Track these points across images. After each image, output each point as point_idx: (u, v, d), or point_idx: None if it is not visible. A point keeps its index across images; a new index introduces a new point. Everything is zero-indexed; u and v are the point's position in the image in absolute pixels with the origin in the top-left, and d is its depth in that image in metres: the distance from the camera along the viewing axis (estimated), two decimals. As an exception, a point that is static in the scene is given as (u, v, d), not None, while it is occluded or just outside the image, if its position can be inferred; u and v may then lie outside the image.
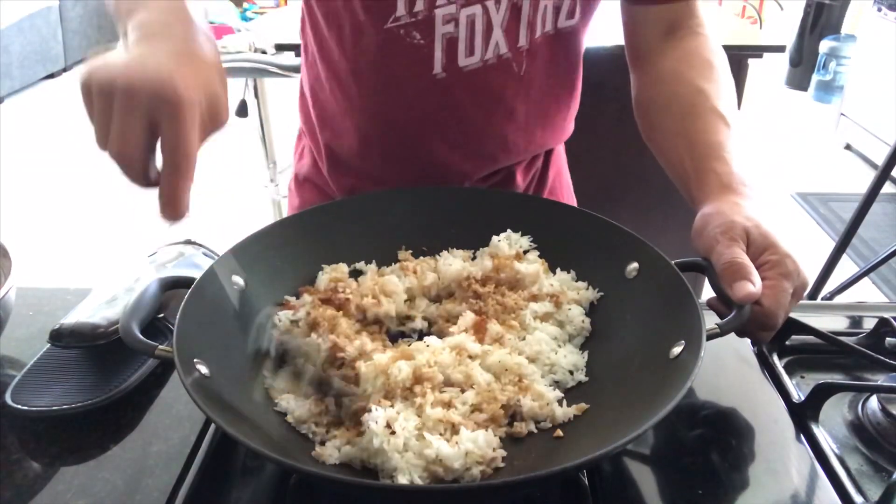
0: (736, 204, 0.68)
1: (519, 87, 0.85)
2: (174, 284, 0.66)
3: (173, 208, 0.54)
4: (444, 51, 0.80)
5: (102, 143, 0.52)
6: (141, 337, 0.58)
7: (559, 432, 0.60)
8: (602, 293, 0.73)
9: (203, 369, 0.57)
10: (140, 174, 0.53)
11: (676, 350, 0.60)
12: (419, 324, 0.72)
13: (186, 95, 0.50)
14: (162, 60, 0.52)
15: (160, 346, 0.57)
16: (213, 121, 0.54)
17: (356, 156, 0.91)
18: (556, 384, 0.65)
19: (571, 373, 0.66)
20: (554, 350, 0.67)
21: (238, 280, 0.68)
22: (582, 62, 0.94)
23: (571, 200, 1.08)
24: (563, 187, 1.06)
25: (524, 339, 0.68)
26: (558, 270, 0.76)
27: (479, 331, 0.67)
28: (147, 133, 0.51)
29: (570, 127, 0.99)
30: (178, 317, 0.59)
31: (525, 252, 0.77)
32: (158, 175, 0.53)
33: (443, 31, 0.78)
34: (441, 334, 0.69)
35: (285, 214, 0.90)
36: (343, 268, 0.76)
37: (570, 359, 0.67)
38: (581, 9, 0.84)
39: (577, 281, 0.75)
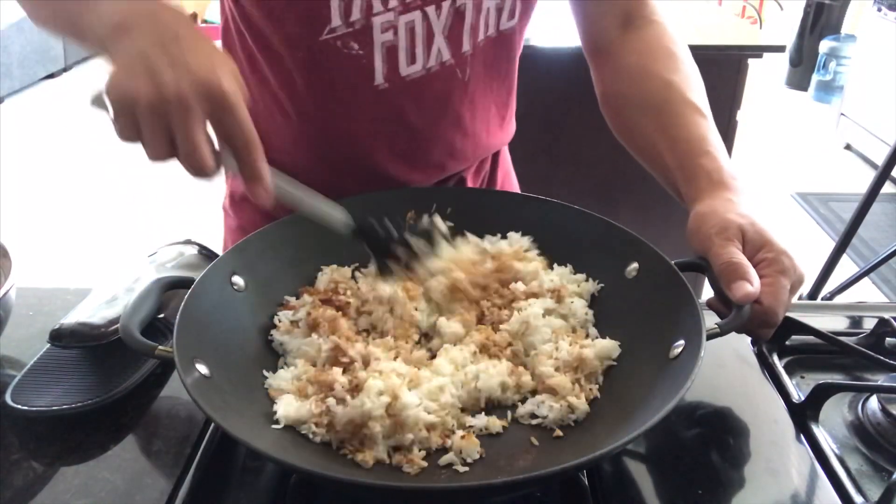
0: (729, 201, 0.68)
1: (464, 93, 0.84)
2: (174, 285, 0.66)
3: (264, 184, 0.56)
4: (385, 60, 0.77)
5: (163, 155, 0.53)
6: (141, 337, 0.58)
7: (559, 432, 0.60)
8: (602, 284, 0.73)
9: (203, 369, 0.57)
10: (214, 173, 0.55)
11: (676, 350, 0.60)
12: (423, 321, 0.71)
13: (232, 89, 0.52)
14: (195, 65, 0.52)
15: (160, 347, 0.57)
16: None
17: (300, 171, 0.87)
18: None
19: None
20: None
21: (238, 280, 0.68)
22: (518, 61, 0.92)
23: None
24: (511, 188, 1.05)
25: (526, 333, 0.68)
26: (555, 265, 0.76)
27: (484, 349, 0.67)
28: (209, 136, 0.53)
29: (512, 128, 0.97)
30: (177, 317, 0.59)
31: (525, 251, 0.77)
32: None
33: (382, 39, 0.75)
34: (442, 333, 0.69)
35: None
36: (345, 272, 0.75)
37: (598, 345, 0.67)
38: (521, 8, 0.83)
39: (574, 274, 0.75)
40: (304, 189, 0.64)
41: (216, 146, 0.55)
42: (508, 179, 1.04)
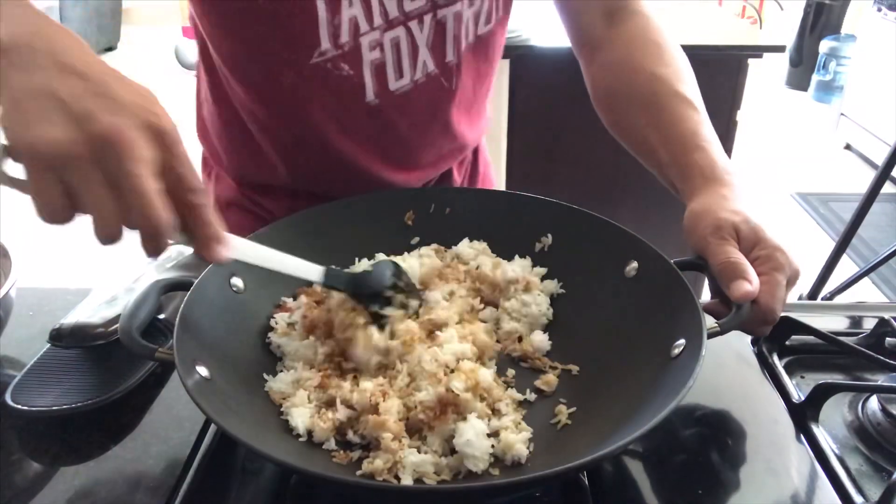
0: (723, 197, 0.67)
1: (451, 100, 0.85)
2: (173, 287, 0.66)
3: (220, 241, 0.50)
4: (374, 77, 0.78)
5: (114, 222, 0.43)
6: (141, 340, 0.58)
7: (566, 420, 0.61)
8: (563, 289, 0.75)
9: (203, 371, 0.56)
10: (169, 238, 0.46)
11: (677, 349, 0.60)
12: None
13: (168, 119, 0.45)
14: (124, 99, 0.43)
15: (160, 349, 0.57)
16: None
17: (298, 187, 0.89)
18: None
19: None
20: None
21: (237, 282, 0.68)
22: (498, 57, 0.92)
23: (497, 186, 1.11)
24: (488, 176, 1.08)
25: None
26: (517, 257, 0.77)
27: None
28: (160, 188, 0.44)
29: (488, 118, 0.99)
30: (177, 319, 0.59)
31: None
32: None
33: (370, 57, 0.76)
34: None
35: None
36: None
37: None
38: (498, 12, 0.83)
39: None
40: (270, 250, 0.61)
41: None
42: (488, 169, 1.07)
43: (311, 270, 0.65)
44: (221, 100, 0.85)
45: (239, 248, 0.56)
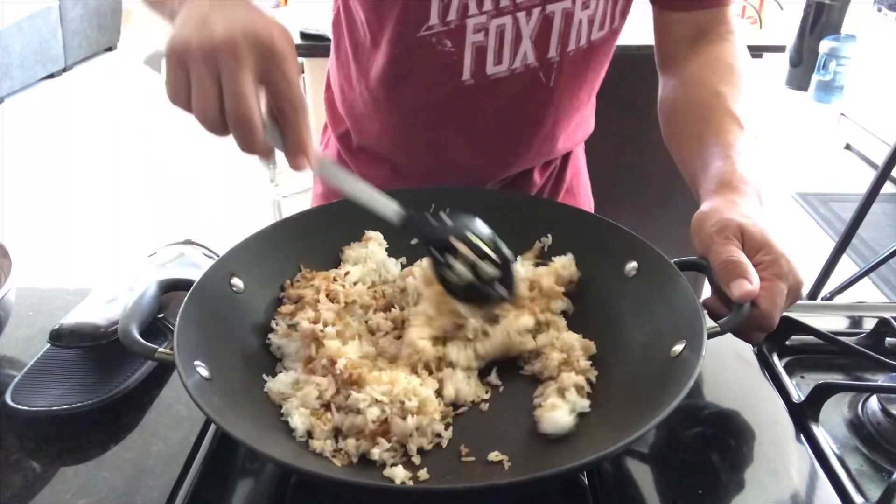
0: (733, 202, 0.68)
1: (547, 97, 0.86)
2: (173, 287, 0.66)
3: (305, 151, 0.55)
4: (474, 58, 0.81)
5: (212, 113, 0.52)
6: (140, 340, 0.58)
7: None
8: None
9: (204, 372, 0.56)
10: (260, 136, 0.53)
11: (677, 348, 0.60)
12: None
13: (283, 45, 0.53)
14: (248, 19, 0.53)
15: (160, 349, 0.57)
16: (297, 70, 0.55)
17: (383, 153, 0.93)
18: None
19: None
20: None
21: (237, 282, 0.68)
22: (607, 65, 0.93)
23: (589, 201, 1.09)
24: (580, 187, 1.07)
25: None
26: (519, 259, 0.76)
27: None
28: (257, 90, 0.52)
29: (589, 127, 1.01)
30: (177, 320, 0.59)
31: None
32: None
33: (473, 39, 0.79)
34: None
35: (286, 215, 0.90)
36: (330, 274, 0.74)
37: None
38: (613, 18, 0.84)
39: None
40: (354, 177, 0.63)
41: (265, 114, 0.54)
42: (578, 177, 1.06)
43: (389, 207, 0.64)
44: (350, 61, 0.90)
45: (325, 166, 0.60)
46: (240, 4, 0.55)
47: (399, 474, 0.55)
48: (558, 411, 0.59)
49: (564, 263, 0.74)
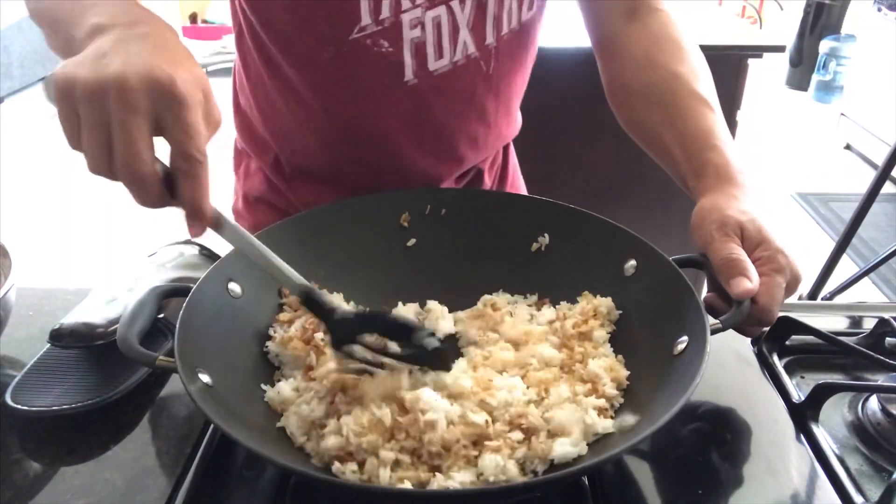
0: (733, 196, 0.67)
1: (488, 86, 0.85)
2: (170, 293, 0.65)
3: (201, 214, 0.51)
4: (414, 56, 0.78)
5: (101, 163, 0.47)
6: (140, 348, 0.57)
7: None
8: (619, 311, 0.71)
9: (205, 378, 0.56)
10: (157, 191, 0.48)
11: (680, 346, 0.60)
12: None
13: (187, 90, 0.47)
14: (150, 58, 0.47)
15: (160, 357, 0.56)
16: (210, 121, 0.50)
17: (323, 170, 0.89)
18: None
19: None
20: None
21: (234, 287, 0.67)
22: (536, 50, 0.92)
23: (524, 190, 1.09)
24: (517, 178, 1.07)
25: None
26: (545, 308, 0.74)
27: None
28: (152, 142, 0.47)
29: (520, 118, 0.99)
30: (177, 327, 0.58)
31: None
32: (169, 193, 0.49)
33: (410, 35, 0.76)
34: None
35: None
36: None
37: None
38: None
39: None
40: (262, 246, 0.59)
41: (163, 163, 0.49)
42: (516, 172, 1.06)
43: (292, 278, 0.60)
44: (266, 79, 0.84)
45: (230, 229, 0.55)
46: (153, 42, 0.50)
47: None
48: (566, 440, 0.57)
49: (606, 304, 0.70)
